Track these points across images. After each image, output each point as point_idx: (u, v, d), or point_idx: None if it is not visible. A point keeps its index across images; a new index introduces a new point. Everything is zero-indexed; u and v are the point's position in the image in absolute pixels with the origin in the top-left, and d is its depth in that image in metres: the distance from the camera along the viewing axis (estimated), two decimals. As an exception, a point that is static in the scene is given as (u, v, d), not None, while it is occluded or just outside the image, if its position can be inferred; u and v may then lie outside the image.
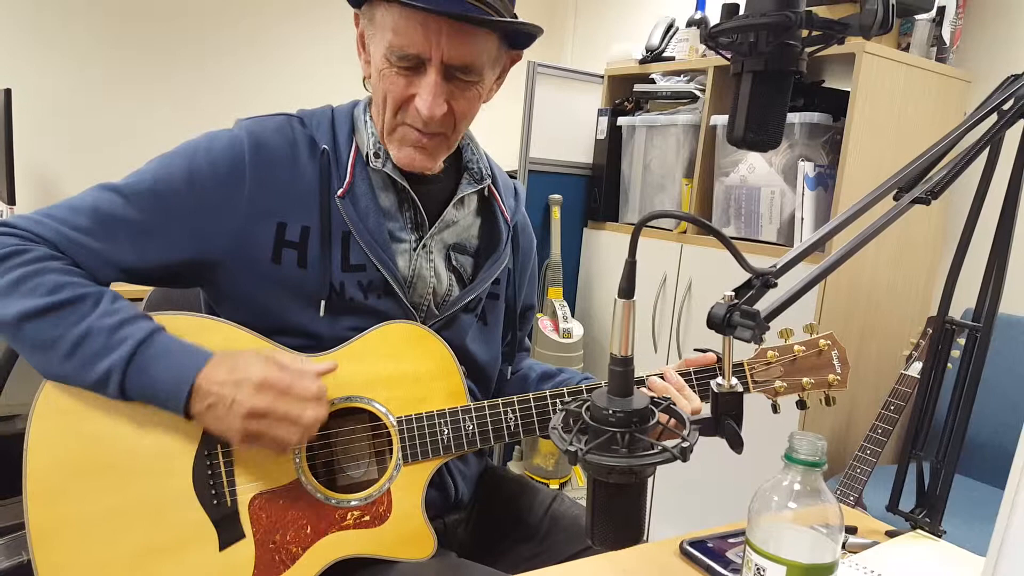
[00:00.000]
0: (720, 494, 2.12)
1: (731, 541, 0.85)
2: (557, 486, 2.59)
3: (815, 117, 1.88)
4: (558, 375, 1.15)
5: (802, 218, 1.91)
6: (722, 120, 2.13)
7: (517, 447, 2.80)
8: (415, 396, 0.94)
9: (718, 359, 1.01)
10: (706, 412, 0.69)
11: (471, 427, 0.94)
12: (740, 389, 0.68)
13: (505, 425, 0.95)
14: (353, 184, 0.95)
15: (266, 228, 0.91)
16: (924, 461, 0.90)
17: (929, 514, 0.87)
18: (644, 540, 0.62)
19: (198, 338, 0.88)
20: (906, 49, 1.95)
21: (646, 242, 2.30)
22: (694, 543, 0.84)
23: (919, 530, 0.88)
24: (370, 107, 1.00)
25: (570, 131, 2.61)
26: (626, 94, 2.52)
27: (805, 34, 0.62)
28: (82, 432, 0.84)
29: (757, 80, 0.62)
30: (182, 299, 1.13)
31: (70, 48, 2.45)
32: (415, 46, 0.87)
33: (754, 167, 2.02)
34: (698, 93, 2.24)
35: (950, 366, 0.88)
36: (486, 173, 1.05)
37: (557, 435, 0.58)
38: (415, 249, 0.99)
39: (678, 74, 2.34)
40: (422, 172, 0.97)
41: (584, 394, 0.97)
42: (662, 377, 0.96)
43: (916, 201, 0.72)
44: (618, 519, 0.58)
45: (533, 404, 0.96)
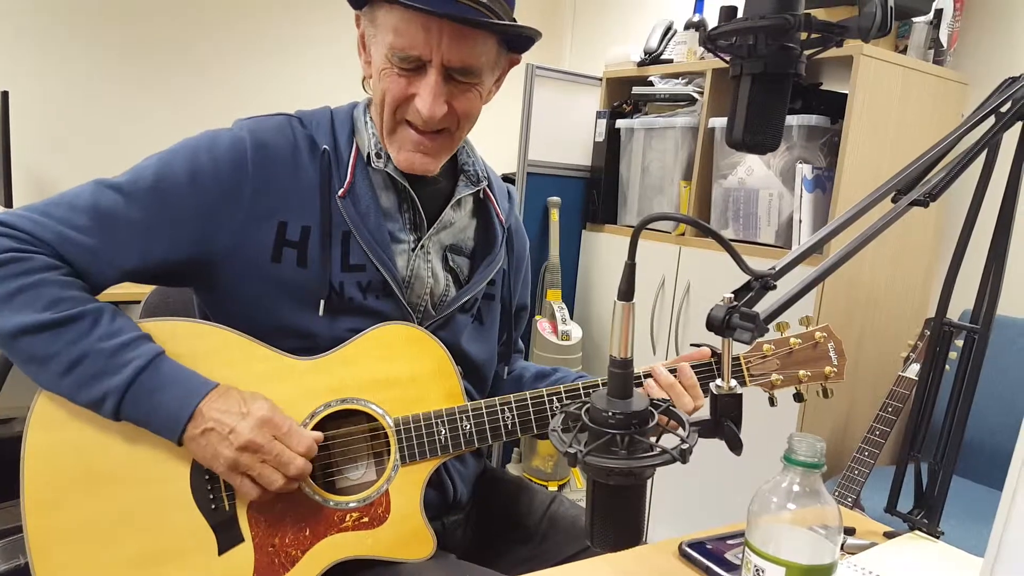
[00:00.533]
0: (719, 496, 2.12)
1: (730, 542, 0.85)
2: (556, 488, 2.59)
3: (813, 119, 1.89)
4: (553, 375, 1.15)
5: (800, 220, 1.91)
6: (720, 122, 2.14)
7: (516, 449, 2.79)
8: (412, 397, 0.94)
9: (713, 354, 1.02)
10: (705, 414, 0.69)
11: (468, 427, 0.94)
12: (740, 391, 0.68)
13: (502, 424, 0.95)
14: (354, 184, 0.95)
15: (267, 227, 0.91)
16: (922, 462, 0.90)
17: (927, 515, 0.88)
18: (643, 542, 0.62)
19: (192, 343, 0.88)
20: (904, 52, 1.95)
21: (645, 244, 2.30)
22: (693, 544, 0.84)
23: (917, 531, 0.88)
24: (370, 108, 1.00)
25: (568, 133, 2.61)
26: (624, 96, 2.52)
27: (804, 37, 0.62)
28: (79, 441, 0.83)
29: (756, 82, 0.63)
30: (179, 303, 1.13)
31: (67, 50, 2.44)
32: (416, 47, 0.87)
33: (752, 169, 2.03)
34: (696, 95, 2.25)
35: (948, 368, 0.89)
36: (482, 175, 1.06)
37: (556, 437, 0.58)
38: (414, 250, 1.00)
39: (676, 76, 2.35)
40: (423, 175, 0.97)
41: (580, 391, 0.98)
42: (651, 376, 0.97)
43: (914, 203, 0.73)
44: (617, 521, 0.58)
45: (530, 403, 0.96)
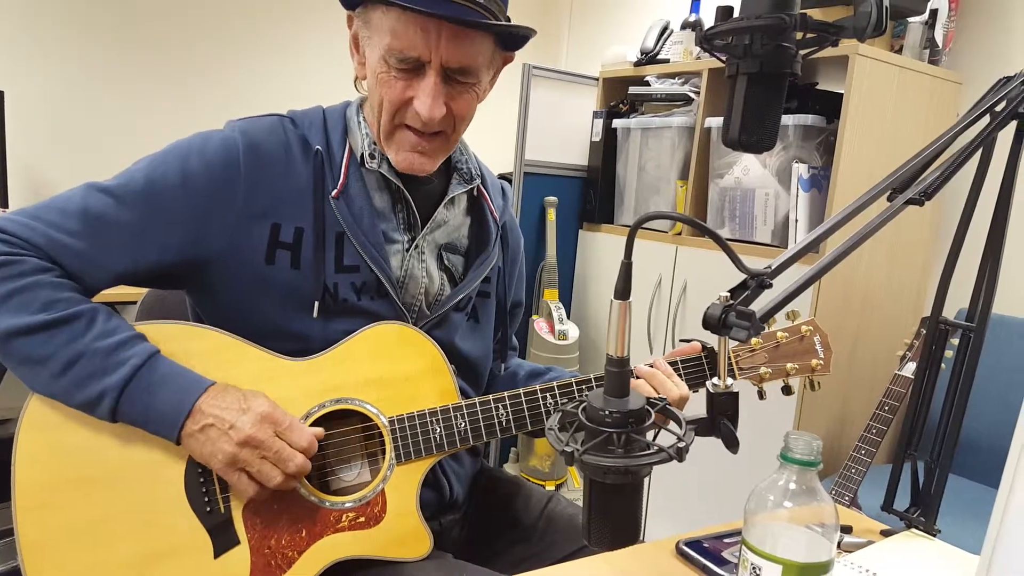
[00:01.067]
0: (716, 494, 2.12)
1: (727, 541, 0.85)
2: (553, 487, 2.59)
3: (809, 119, 1.89)
4: (546, 373, 1.15)
5: (796, 219, 1.91)
6: (717, 122, 2.14)
7: (513, 448, 2.79)
8: (406, 396, 0.94)
9: (703, 348, 1.02)
10: (702, 412, 0.69)
11: (463, 424, 0.94)
12: (736, 389, 0.68)
13: (497, 421, 0.95)
14: (347, 185, 0.95)
15: (260, 229, 0.91)
16: (918, 461, 0.90)
17: (924, 513, 0.88)
18: (640, 540, 0.62)
19: (186, 345, 0.87)
20: (899, 51, 1.95)
21: (641, 244, 2.30)
22: (690, 543, 0.84)
23: (914, 529, 0.88)
24: (363, 108, 1.00)
25: (565, 133, 2.61)
26: (621, 96, 2.52)
27: (799, 36, 0.62)
28: (71, 444, 0.83)
29: (752, 82, 0.63)
30: (175, 303, 1.12)
31: (63, 50, 2.43)
32: (415, 49, 0.87)
33: (748, 169, 2.03)
34: (693, 95, 2.25)
35: (944, 366, 0.89)
36: (475, 173, 1.05)
37: (553, 436, 0.58)
38: (408, 250, 0.99)
39: (673, 76, 2.35)
40: (420, 175, 0.97)
41: (574, 387, 0.98)
42: (652, 367, 0.97)
43: (910, 202, 0.73)
44: (614, 519, 0.59)
45: (524, 399, 0.96)
